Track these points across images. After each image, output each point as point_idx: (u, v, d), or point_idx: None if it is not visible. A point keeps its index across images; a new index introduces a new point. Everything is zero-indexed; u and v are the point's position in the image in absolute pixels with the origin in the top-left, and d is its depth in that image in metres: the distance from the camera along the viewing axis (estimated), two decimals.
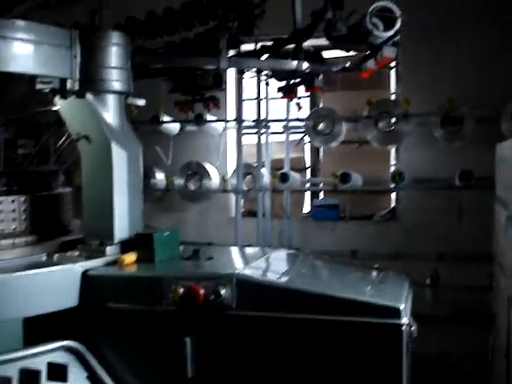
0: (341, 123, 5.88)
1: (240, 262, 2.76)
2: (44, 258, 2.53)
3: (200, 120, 6.11)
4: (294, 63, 3.62)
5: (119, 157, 2.64)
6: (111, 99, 2.73)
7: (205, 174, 6.34)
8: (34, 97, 3.19)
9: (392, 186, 5.86)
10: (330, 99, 6.58)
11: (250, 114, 6.24)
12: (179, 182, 6.38)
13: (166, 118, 6.26)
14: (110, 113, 2.72)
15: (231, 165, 6.64)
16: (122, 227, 2.63)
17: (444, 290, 5.60)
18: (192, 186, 6.31)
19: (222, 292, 2.22)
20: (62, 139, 5.96)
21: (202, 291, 2.23)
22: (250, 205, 6.51)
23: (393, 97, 6.30)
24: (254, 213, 6.27)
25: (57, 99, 2.72)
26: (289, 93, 4.81)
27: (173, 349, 2.29)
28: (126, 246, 2.61)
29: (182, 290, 2.26)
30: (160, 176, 6.49)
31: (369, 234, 6.14)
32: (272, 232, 6.15)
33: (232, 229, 5.96)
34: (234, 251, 2.99)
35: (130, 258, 2.51)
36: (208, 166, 6.40)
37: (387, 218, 6.42)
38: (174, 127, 6.43)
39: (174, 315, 2.31)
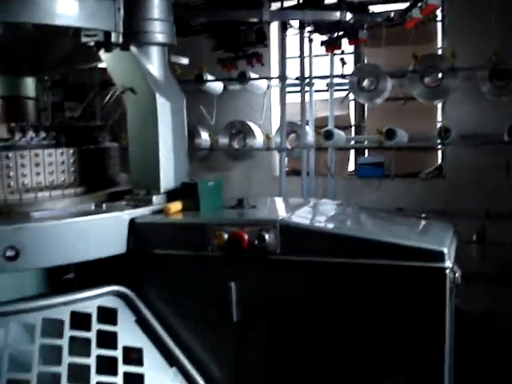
0: (386, 79, 5.80)
1: (284, 209, 2.78)
2: (92, 207, 2.60)
3: (243, 78, 6.11)
4: (337, 14, 3.58)
5: (163, 108, 2.67)
6: (155, 51, 2.75)
7: (248, 132, 6.37)
8: (79, 52, 3.24)
9: (438, 142, 5.78)
10: (375, 55, 6.48)
11: (293, 72, 6.20)
12: (223, 141, 6.42)
13: (209, 77, 6.28)
14: (154, 64, 2.75)
15: (275, 123, 6.64)
16: (167, 177, 2.67)
17: (491, 248, 5.54)
18: (236, 145, 6.36)
19: (267, 237, 2.25)
20: (107, 98, 6.06)
21: (246, 236, 2.26)
22: (294, 163, 6.51)
23: (439, 52, 6.17)
24: (297, 171, 6.28)
25: (102, 53, 2.75)
26: (332, 46, 4.77)
27: (217, 293, 2.33)
28: (171, 196, 2.66)
29: (226, 236, 2.30)
30: (204, 135, 6.54)
31: (415, 192, 6.09)
32: (316, 191, 6.15)
33: (276, 187, 5.99)
34: (279, 201, 3.01)
35: (176, 206, 2.56)
36: (252, 125, 6.41)
37: (433, 175, 6.35)
38: (218, 86, 6.45)
39: (218, 261, 2.35)
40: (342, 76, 6.07)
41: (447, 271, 2.10)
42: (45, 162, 2.70)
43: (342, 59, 5.77)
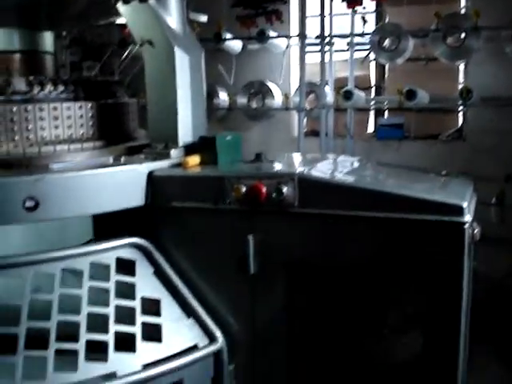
0: (407, 39, 5.71)
1: (302, 163, 2.77)
2: (111, 160, 2.60)
3: (262, 36, 6.04)
4: None
5: (182, 61, 2.65)
6: (173, 4, 2.72)
7: (267, 92, 6.33)
8: (97, 5, 3.22)
9: (459, 103, 5.70)
10: (397, 14, 6.37)
11: (313, 31, 6.12)
12: (242, 101, 6.39)
13: (227, 36, 6.22)
14: (173, 17, 2.72)
15: (294, 83, 6.58)
16: (185, 131, 2.67)
17: (510, 212, 5.49)
18: (254, 105, 6.32)
19: (284, 190, 2.24)
20: (125, 54, 6.03)
21: (264, 189, 2.26)
22: (313, 124, 6.48)
23: (462, 11, 6.04)
24: (316, 132, 6.25)
25: (120, 5, 2.72)
26: (353, 2, 4.68)
27: (235, 246, 2.34)
28: (189, 150, 2.65)
29: (244, 189, 2.30)
30: (223, 95, 6.51)
31: (435, 154, 6.03)
32: (335, 152, 6.12)
33: (294, 148, 5.97)
34: (297, 156, 3.00)
35: (194, 160, 2.56)
36: (270, 85, 6.36)
37: (454, 137, 6.28)
38: (237, 45, 6.39)
39: (236, 213, 2.35)
40: (363, 35, 5.98)
41: (466, 226, 2.09)
42: (63, 115, 2.70)
43: (363, 17, 5.68)
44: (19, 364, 2.08)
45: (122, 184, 2.42)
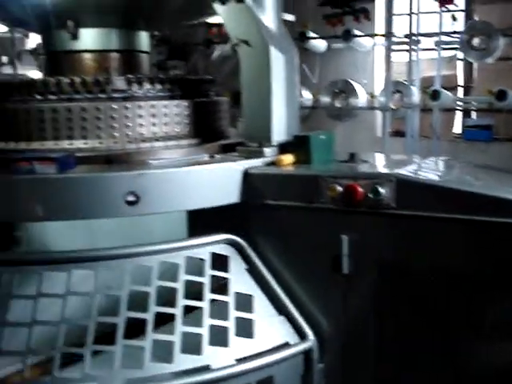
0: (498, 37, 5.54)
1: (397, 164, 2.74)
2: (206, 157, 2.65)
3: (348, 35, 6.02)
4: None
5: (277, 60, 2.67)
6: (269, 2, 2.75)
7: (351, 91, 6.29)
8: (194, 5, 3.28)
9: None
10: (488, 12, 6.20)
11: (399, 30, 6.03)
12: (325, 99, 6.37)
13: (312, 35, 6.22)
14: (268, 16, 2.74)
15: (379, 83, 6.51)
16: (279, 130, 2.68)
17: None
18: (338, 104, 6.29)
19: (381, 191, 2.22)
20: (214, 54, 6.12)
21: (360, 189, 2.25)
22: (398, 124, 6.38)
23: None
24: (401, 133, 6.16)
25: (216, 5, 2.77)
26: (445, 0, 4.56)
27: (329, 245, 2.34)
28: (282, 149, 2.67)
29: (339, 189, 2.29)
30: (306, 94, 6.51)
31: None
32: (420, 153, 6.01)
33: (378, 148, 5.91)
34: (389, 157, 2.97)
35: (288, 158, 2.57)
36: (355, 84, 6.31)
37: None
38: (321, 44, 6.38)
39: (330, 213, 2.35)
40: (452, 33, 5.84)
41: None
42: (160, 113, 2.78)
43: (453, 15, 5.55)
44: (118, 353, 2.15)
45: (219, 181, 2.47)
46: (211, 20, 3.54)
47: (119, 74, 3.03)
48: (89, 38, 3.11)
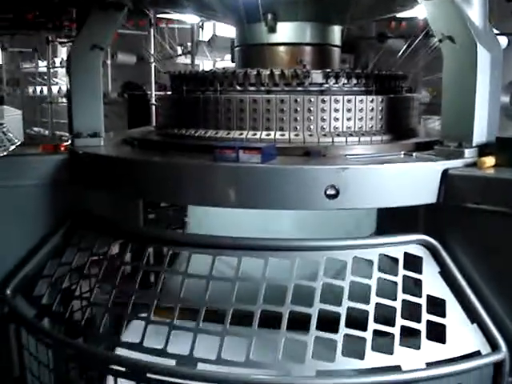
0: None
1: None
2: (402, 155, 2.61)
3: None
4: None
5: (483, 58, 2.56)
6: None
7: None
8: (386, 1, 3.26)
9: None
10: None
11: None
12: (503, 99, 6.07)
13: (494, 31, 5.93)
14: (475, 12, 2.63)
15: None
16: (480, 130, 2.57)
17: None
18: None
19: None
20: (402, 50, 6.01)
21: None
22: None
23: None
24: None
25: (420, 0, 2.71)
26: None
27: None
28: (482, 150, 2.57)
29: None
30: None
31: None
32: None
33: None
34: None
35: (490, 161, 2.47)
36: None
37: None
38: (502, 42, 6.07)
39: None
40: None
41: None
42: (356, 108, 2.78)
43: None
44: (310, 343, 2.19)
45: (417, 180, 2.43)
46: (400, 14, 3.46)
47: (312, 67, 3.07)
48: (284, 31, 3.18)
